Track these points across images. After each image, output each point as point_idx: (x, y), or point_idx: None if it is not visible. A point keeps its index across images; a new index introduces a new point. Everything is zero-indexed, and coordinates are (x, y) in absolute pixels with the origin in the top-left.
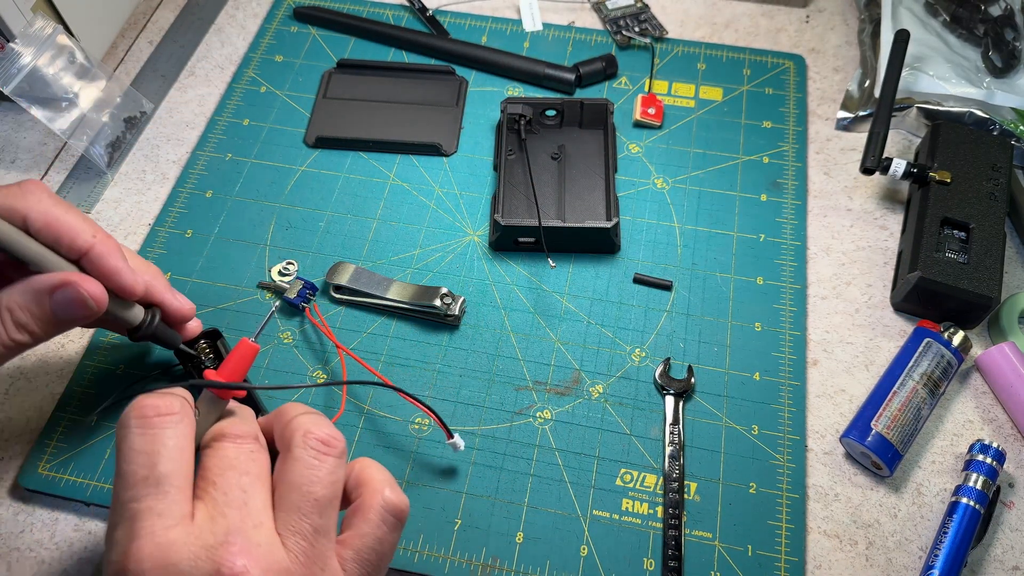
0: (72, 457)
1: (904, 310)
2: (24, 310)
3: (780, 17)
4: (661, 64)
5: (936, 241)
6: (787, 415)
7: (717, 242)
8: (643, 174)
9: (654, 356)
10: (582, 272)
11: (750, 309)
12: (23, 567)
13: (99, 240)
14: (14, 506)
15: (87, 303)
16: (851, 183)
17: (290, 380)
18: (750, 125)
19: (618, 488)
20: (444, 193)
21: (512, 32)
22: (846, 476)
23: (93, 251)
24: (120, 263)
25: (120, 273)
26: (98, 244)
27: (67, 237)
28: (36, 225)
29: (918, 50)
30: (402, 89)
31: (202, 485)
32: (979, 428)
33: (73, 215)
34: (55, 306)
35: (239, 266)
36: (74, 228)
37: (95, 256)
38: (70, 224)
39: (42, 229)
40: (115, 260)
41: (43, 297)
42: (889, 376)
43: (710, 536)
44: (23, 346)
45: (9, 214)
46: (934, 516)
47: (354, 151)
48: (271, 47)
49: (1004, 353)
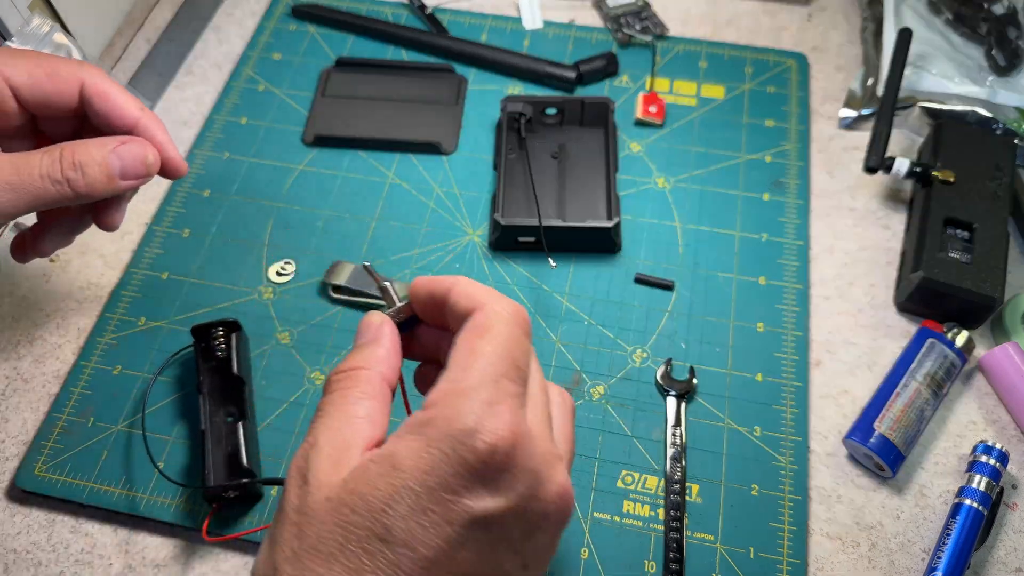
0: (69, 459)
1: (907, 310)
2: (85, 152)
3: (782, 15)
4: (662, 62)
5: (939, 241)
6: (789, 416)
7: (719, 242)
8: (644, 173)
9: (655, 357)
10: (583, 272)
11: (752, 309)
12: (20, 569)
13: (146, 114)
14: (11, 508)
15: (146, 160)
16: (854, 182)
17: (288, 382)
18: (752, 124)
19: (619, 490)
20: (444, 192)
21: (512, 30)
22: (849, 478)
23: (141, 123)
24: (165, 137)
25: (165, 147)
26: (145, 118)
27: (118, 108)
28: (90, 91)
29: (921, 49)
30: (401, 87)
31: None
32: (982, 429)
33: (124, 91)
34: (115, 156)
35: (237, 266)
36: (125, 101)
37: (142, 128)
38: (122, 97)
39: (95, 96)
40: (161, 134)
41: (106, 146)
42: (892, 377)
43: (712, 538)
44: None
45: (68, 78)
46: (937, 518)
47: (353, 150)
48: (269, 45)
49: (1008, 354)
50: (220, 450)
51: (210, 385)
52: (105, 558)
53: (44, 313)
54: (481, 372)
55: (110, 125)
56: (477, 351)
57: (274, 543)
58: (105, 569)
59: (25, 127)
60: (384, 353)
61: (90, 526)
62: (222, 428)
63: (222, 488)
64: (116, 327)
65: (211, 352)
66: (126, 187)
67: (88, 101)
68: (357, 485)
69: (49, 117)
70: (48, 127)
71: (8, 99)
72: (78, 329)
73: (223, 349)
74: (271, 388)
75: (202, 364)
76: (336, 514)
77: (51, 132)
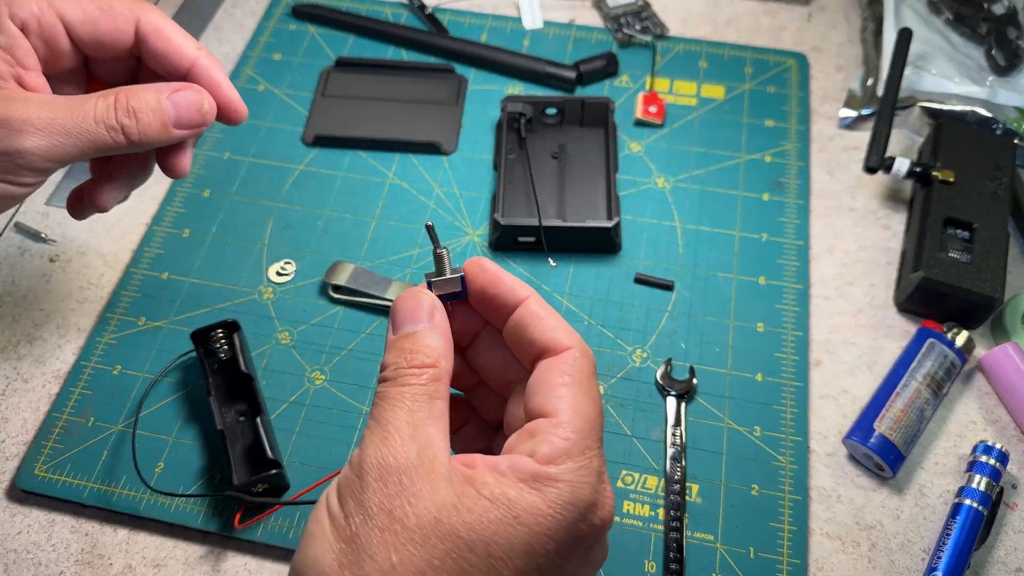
0: (69, 458)
1: (907, 310)
2: (139, 98)
3: (782, 15)
4: (662, 62)
5: (939, 241)
6: (789, 416)
7: (719, 242)
8: (644, 173)
9: (655, 357)
10: (583, 272)
11: (752, 309)
12: (20, 569)
13: (204, 54)
14: (10, 508)
15: (202, 108)
16: (854, 182)
17: (288, 381)
18: (752, 124)
19: (619, 490)
20: (444, 192)
21: (512, 30)
22: (849, 478)
23: (199, 63)
24: (223, 78)
25: (223, 88)
26: (203, 57)
27: (175, 47)
28: (146, 29)
29: (921, 48)
30: (401, 87)
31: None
32: (982, 429)
33: (181, 30)
34: (170, 103)
35: (237, 266)
36: (182, 40)
37: (200, 69)
38: (179, 36)
39: (151, 34)
40: (219, 74)
41: (161, 92)
42: (892, 377)
43: (712, 538)
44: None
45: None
46: (937, 518)
47: (353, 150)
48: (269, 45)
49: (1007, 353)
50: (238, 448)
51: (217, 386)
52: (105, 558)
53: (44, 313)
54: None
55: (166, 66)
56: (582, 409)
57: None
58: (105, 569)
59: (77, 70)
60: (446, 345)
61: (90, 526)
62: (235, 427)
63: (250, 484)
64: (116, 327)
65: (214, 354)
66: (181, 136)
67: (144, 39)
68: (474, 522)
69: (103, 58)
70: (101, 70)
71: (61, 36)
72: (78, 329)
73: (226, 350)
74: (271, 388)
75: (207, 367)
76: (449, 543)
77: (104, 75)
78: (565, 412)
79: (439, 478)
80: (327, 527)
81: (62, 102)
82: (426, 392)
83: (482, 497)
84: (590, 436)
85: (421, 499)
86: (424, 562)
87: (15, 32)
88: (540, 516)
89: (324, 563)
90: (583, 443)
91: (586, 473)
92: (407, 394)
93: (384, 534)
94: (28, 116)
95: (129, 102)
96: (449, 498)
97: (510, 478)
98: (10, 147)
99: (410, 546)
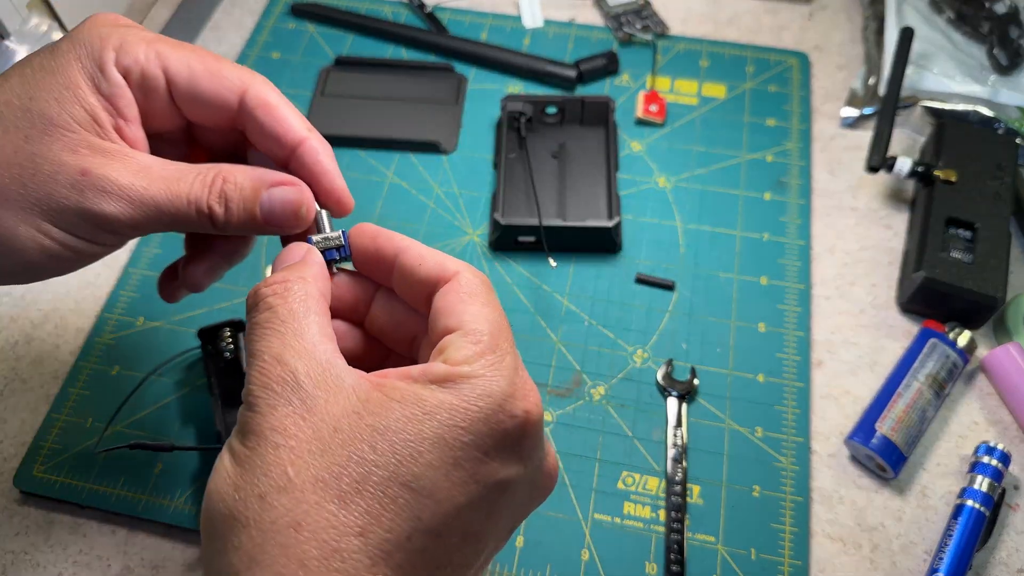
0: (67, 459)
1: (909, 310)
2: (235, 183)
3: (783, 14)
4: (663, 61)
5: (941, 241)
6: (791, 417)
7: (720, 241)
8: (645, 172)
9: (656, 357)
10: (583, 272)
11: (753, 309)
12: (18, 570)
13: (314, 136)
14: (9, 508)
15: (300, 211)
16: (855, 182)
17: None
18: (753, 123)
19: (620, 491)
20: (443, 192)
21: (512, 29)
22: (850, 478)
23: (307, 144)
24: (332, 164)
25: (331, 176)
26: (312, 139)
27: (283, 124)
28: (254, 101)
29: (923, 48)
30: (401, 86)
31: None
32: (984, 430)
33: (291, 106)
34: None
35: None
36: (292, 118)
37: (307, 151)
38: (289, 112)
39: (259, 108)
40: (326, 160)
41: (261, 184)
42: (894, 377)
43: (713, 540)
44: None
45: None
46: (939, 519)
47: (352, 149)
48: (268, 44)
49: (1009, 354)
50: None
51: (220, 387)
52: (104, 559)
53: (42, 313)
54: (497, 337)
55: (271, 144)
56: (485, 316)
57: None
58: (104, 570)
59: (177, 132)
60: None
61: (89, 527)
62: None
63: None
64: (114, 327)
65: (219, 353)
66: (267, 233)
67: (250, 112)
68: (379, 423)
69: (202, 124)
70: (203, 138)
71: (161, 91)
72: (76, 329)
73: (232, 350)
74: None
75: (211, 367)
76: (351, 448)
77: (206, 143)
78: (470, 323)
79: (335, 389)
80: (226, 459)
81: (159, 173)
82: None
83: (390, 399)
84: (499, 338)
85: (315, 411)
86: (323, 469)
87: (119, 81)
88: (452, 409)
89: (222, 490)
90: (493, 343)
91: (501, 367)
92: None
93: (279, 451)
94: (120, 180)
95: (224, 186)
96: (351, 405)
97: (422, 381)
98: (91, 208)
99: (307, 457)
